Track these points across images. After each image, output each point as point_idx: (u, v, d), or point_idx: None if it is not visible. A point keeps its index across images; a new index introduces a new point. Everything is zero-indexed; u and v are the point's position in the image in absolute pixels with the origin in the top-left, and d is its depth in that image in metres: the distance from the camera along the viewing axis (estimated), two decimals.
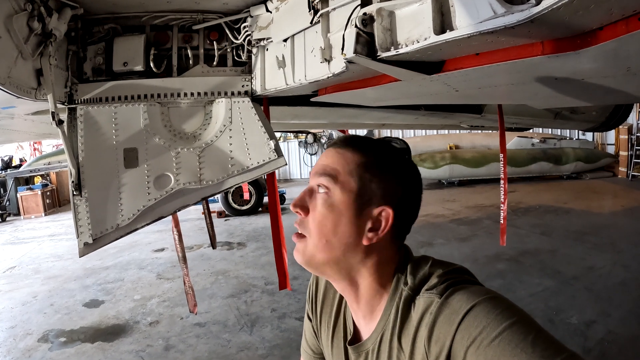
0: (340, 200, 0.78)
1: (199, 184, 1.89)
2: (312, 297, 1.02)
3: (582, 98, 2.13)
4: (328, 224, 0.78)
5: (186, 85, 1.91)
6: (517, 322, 0.61)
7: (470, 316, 0.64)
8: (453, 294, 0.69)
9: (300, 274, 5.22)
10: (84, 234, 1.86)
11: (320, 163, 0.83)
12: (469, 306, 0.65)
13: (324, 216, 0.78)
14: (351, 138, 0.85)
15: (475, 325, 0.63)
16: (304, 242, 0.80)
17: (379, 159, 0.81)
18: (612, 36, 0.95)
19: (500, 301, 0.66)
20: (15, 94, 1.46)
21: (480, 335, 0.61)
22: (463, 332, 0.64)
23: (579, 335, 3.43)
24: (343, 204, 0.78)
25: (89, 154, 1.84)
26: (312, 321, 1.02)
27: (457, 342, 0.64)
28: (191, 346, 3.64)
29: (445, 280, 0.73)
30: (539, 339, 0.59)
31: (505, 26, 0.92)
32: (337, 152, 0.81)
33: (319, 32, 1.48)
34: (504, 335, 0.60)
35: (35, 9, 1.48)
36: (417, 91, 1.82)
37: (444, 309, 0.68)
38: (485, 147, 11.89)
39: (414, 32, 1.17)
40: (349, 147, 0.82)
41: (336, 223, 0.77)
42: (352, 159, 0.80)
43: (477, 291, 0.69)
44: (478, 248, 5.99)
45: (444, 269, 0.77)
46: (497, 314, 0.63)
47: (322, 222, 0.78)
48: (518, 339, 0.59)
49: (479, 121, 3.98)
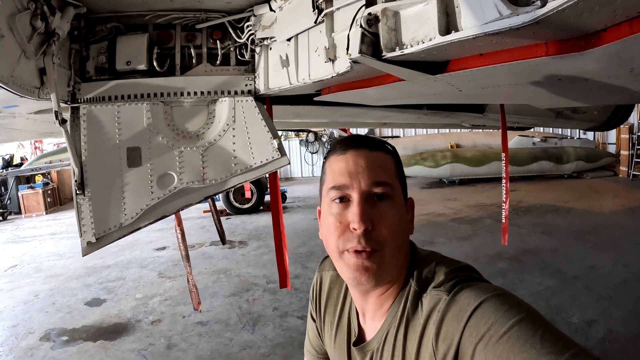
0: (400, 202, 0.80)
1: (202, 183, 1.89)
2: (316, 297, 1.01)
3: (585, 98, 2.13)
4: (400, 228, 0.78)
5: (189, 85, 1.91)
6: (525, 318, 0.61)
7: (478, 313, 0.64)
8: (461, 292, 0.70)
9: (302, 272, 5.23)
10: (87, 233, 1.86)
11: (360, 166, 0.77)
12: (476, 303, 0.66)
13: (396, 221, 0.77)
14: (371, 140, 0.84)
15: (483, 322, 0.63)
16: (378, 256, 0.75)
17: (396, 155, 0.85)
18: (616, 37, 0.95)
19: (508, 298, 0.66)
20: (18, 93, 1.46)
21: (489, 331, 0.61)
22: (471, 329, 0.64)
23: (580, 334, 3.43)
24: (402, 205, 0.81)
25: (92, 153, 1.84)
26: (315, 321, 1.02)
27: (466, 339, 0.64)
28: (193, 345, 3.65)
29: (453, 277, 0.74)
30: (547, 335, 0.59)
31: (510, 27, 0.92)
32: (377, 155, 0.80)
33: (323, 31, 1.48)
34: (513, 331, 0.60)
35: (38, 8, 1.47)
36: (421, 91, 1.82)
37: (451, 307, 0.68)
38: (486, 146, 11.87)
39: (419, 33, 1.17)
40: (377, 149, 0.81)
41: (403, 224, 0.80)
42: (388, 161, 0.82)
43: (485, 288, 0.69)
44: (479, 247, 5.99)
45: (451, 267, 0.77)
46: (505, 310, 0.63)
47: (396, 228, 0.77)
48: (527, 335, 0.59)
49: (481, 120, 3.97)
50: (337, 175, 0.79)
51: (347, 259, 0.76)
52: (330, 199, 0.79)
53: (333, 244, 0.77)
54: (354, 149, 0.80)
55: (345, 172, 0.78)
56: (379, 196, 0.77)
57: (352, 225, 0.74)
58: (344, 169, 0.78)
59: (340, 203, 0.78)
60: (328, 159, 0.84)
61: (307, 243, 6.58)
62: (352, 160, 0.78)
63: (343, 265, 0.77)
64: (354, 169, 0.77)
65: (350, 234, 0.75)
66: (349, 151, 0.80)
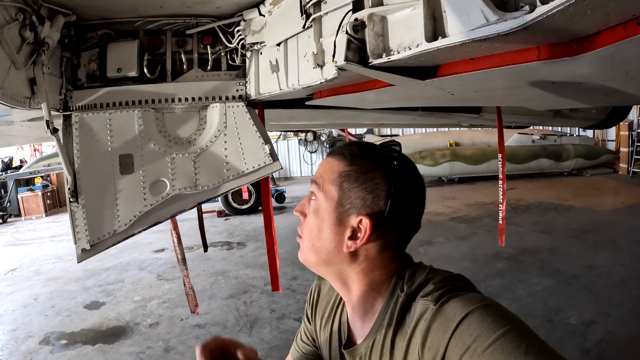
0: (324, 208, 0.82)
1: (194, 189, 1.89)
2: (313, 301, 1.04)
3: (580, 101, 2.11)
4: (314, 229, 0.83)
5: (180, 91, 1.90)
6: (510, 331, 0.61)
7: (464, 324, 0.65)
8: (448, 302, 0.70)
9: (300, 274, 5.23)
10: (81, 240, 1.86)
11: (317, 170, 0.88)
12: (463, 314, 0.66)
13: (311, 221, 0.84)
14: (343, 147, 0.86)
15: (469, 334, 0.63)
16: (301, 242, 0.87)
17: (361, 169, 0.80)
18: (610, 41, 0.93)
19: (495, 309, 0.66)
20: (8, 104, 1.46)
21: (474, 343, 0.62)
22: (457, 340, 0.64)
23: (578, 335, 3.42)
24: (325, 211, 0.82)
25: (84, 160, 1.84)
26: (310, 324, 1.04)
27: (451, 350, 0.64)
28: (191, 347, 3.65)
29: (442, 287, 0.74)
30: (532, 347, 0.59)
31: (498, 34, 0.90)
32: (327, 161, 0.86)
33: (311, 36, 1.47)
34: (498, 343, 0.60)
35: (27, 18, 1.47)
36: (413, 95, 1.81)
37: (438, 316, 0.68)
38: (485, 144, 11.84)
39: (406, 38, 1.15)
40: (336, 156, 0.85)
41: (320, 229, 0.82)
42: (336, 168, 0.83)
43: (472, 298, 0.69)
44: (477, 247, 5.98)
45: (441, 276, 0.78)
46: (491, 322, 0.63)
47: (309, 227, 0.84)
48: (511, 347, 0.59)
49: (478, 120, 3.97)
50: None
51: None
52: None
53: None
54: (327, 155, 0.88)
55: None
56: (312, 196, 0.85)
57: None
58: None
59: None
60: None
61: None
62: (320, 164, 0.88)
63: None
64: (316, 171, 0.88)
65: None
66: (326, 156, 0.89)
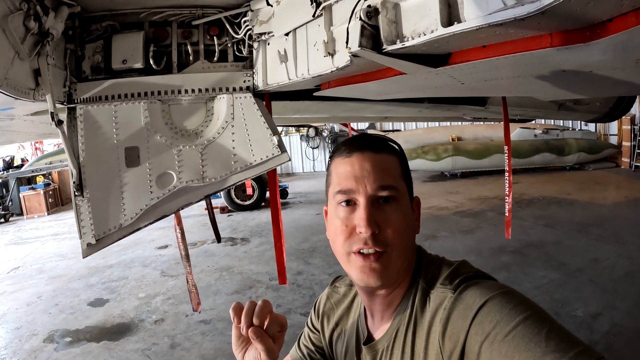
0: (406, 204, 0.80)
1: (201, 181, 1.86)
2: (320, 311, 1.03)
3: (590, 90, 2.09)
4: (405, 229, 0.78)
5: (187, 82, 1.88)
6: (530, 317, 0.61)
7: (483, 311, 0.65)
8: (467, 289, 0.70)
9: (305, 268, 5.23)
10: (86, 235, 1.84)
11: (366, 169, 0.77)
12: (482, 301, 0.66)
13: (402, 223, 0.77)
14: (376, 141, 0.82)
15: (489, 320, 0.63)
16: (385, 258, 0.75)
17: (402, 155, 0.85)
18: (623, 28, 0.94)
19: (514, 296, 0.66)
20: (13, 96, 1.44)
21: (494, 330, 0.62)
22: (477, 327, 0.64)
23: (585, 328, 3.42)
24: (407, 206, 0.81)
25: (89, 153, 1.82)
26: (315, 333, 1.04)
27: (471, 337, 0.64)
28: (197, 344, 3.65)
29: (459, 275, 0.74)
30: (552, 333, 0.59)
31: (515, 18, 0.90)
32: (377, 157, 0.79)
33: (321, 25, 1.45)
34: (518, 329, 0.60)
35: (31, 8, 1.44)
36: (422, 84, 1.79)
37: (457, 304, 0.69)
38: (487, 138, 11.82)
39: (420, 25, 1.14)
40: (384, 151, 0.81)
41: (408, 225, 0.80)
42: (394, 161, 0.81)
43: (491, 286, 0.69)
44: (482, 240, 5.97)
45: (458, 265, 0.79)
46: (511, 308, 0.63)
47: (401, 230, 0.77)
48: (532, 333, 0.59)
49: (483, 113, 3.94)
50: (342, 179, 0.78)
51: (354, 261, 0.77)
52: (337, 202, 0.79)
53: (340, 247, 0.78)
54: (359, 151, 0.79)
55: (351, 176, 0.77)
56: (385, 199, 0.77)
57: (359, 229, 0.75)
58: (349, 173, 0.78)
59: (346, 206, 0.78)
60: (333, 160, 0.83)
61: (309, 239, 6.57)
62: (358, 164, 0.78)
63: (351, 267, 0.78)
64: (360, 173, 0.77)
65: (356, 236, 0.76)
66: (354, 154, 0.79)
